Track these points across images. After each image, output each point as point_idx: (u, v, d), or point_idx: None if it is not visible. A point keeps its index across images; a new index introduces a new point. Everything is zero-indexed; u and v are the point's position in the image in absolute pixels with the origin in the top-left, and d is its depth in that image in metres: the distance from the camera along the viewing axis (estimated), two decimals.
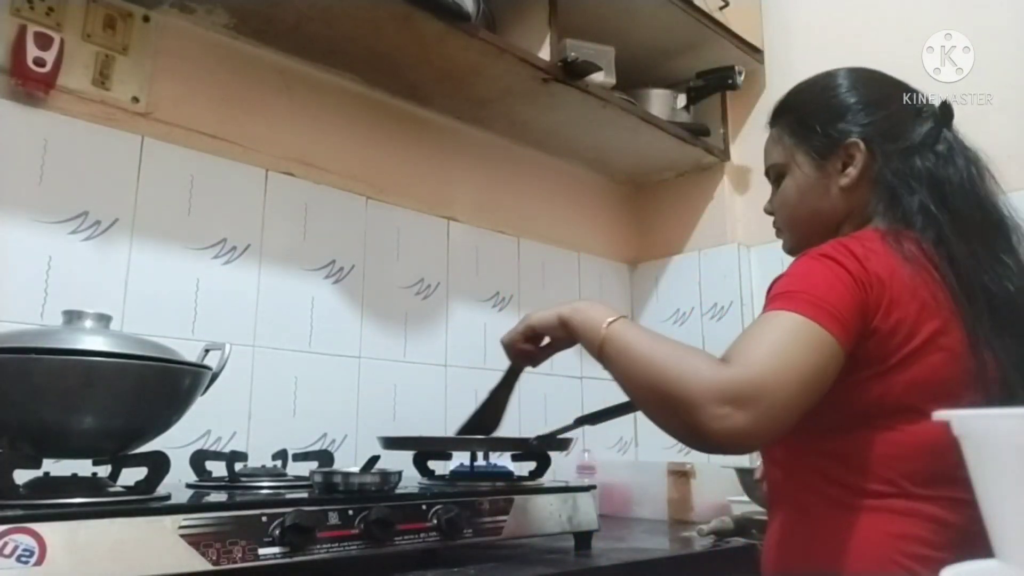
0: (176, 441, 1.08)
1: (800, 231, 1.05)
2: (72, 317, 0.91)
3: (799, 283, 0.81)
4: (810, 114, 1.02)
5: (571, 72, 1.60)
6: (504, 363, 1.05)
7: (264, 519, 0.81)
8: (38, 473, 0.83)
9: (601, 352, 0.93)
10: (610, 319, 0.93)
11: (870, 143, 0.96)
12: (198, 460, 1.13)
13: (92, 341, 0.85)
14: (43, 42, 1.19)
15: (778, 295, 0.82)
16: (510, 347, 1.05)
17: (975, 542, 0.79)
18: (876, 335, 0.82)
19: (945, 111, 0.98)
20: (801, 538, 0.89)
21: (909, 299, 0.83)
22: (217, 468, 1.13)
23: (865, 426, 0.84)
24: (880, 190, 0.94)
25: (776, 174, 1.06)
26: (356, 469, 0.97)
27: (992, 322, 0.85)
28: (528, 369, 1.14)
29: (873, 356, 0.82)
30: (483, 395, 1.20)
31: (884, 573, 0.79)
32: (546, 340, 1.04)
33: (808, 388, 0.76)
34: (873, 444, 0.83)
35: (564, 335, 0.99)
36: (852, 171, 0.96)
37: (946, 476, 0.79)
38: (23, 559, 0.65)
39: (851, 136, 0.96)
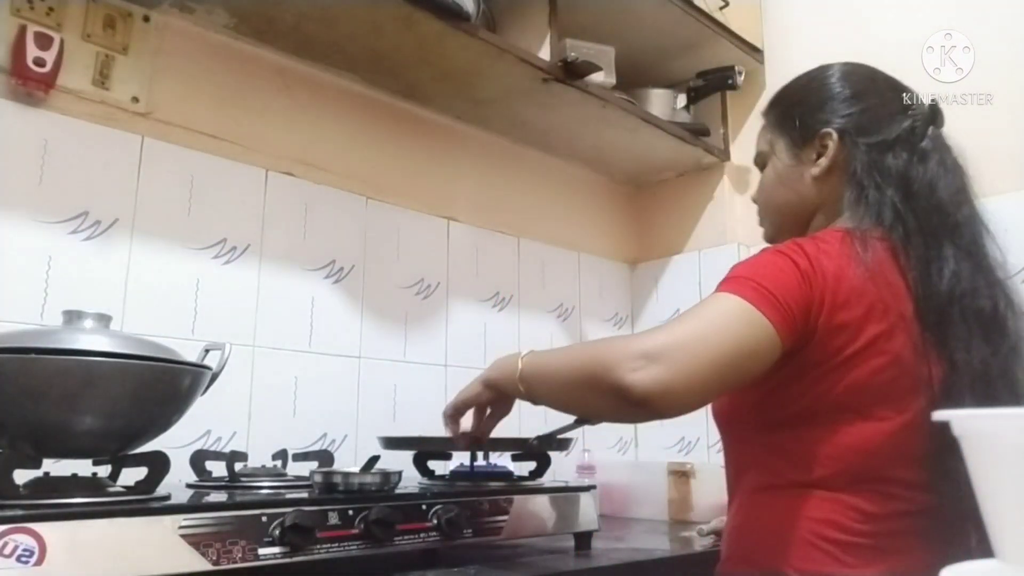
0: (176, 441, 1.08)
1: (775, 219, 1.07)
2: (72, 317, 0.91)
3: (748, 270, 0.84)
4: (793, 104, 1.05)
5: (571, 72, 1.60)
6: None
7: (264, 519, 0.81)
8: (38, 473, 0.83)
9: (525, 384, 0.94)
10: (522, 355, 0.95)
11: (844, 135, 0.97)
12: (198, 460, 1.13)
13: (92, 341, 0.85)
14: (43, 42, 1.19)
15: (727, 279, 0.85)
16: (458, 439, 1.08)
17: (904, 532, 0.82)
18: (819, 335, 0.83)
19: (934, 111, 0.99)
20: (744, 526, 0.94)
21: (856, 301, 0.84)
22: (217, 468, 1.13)
23: (806, 424, 0.87)
24: (851, 183, 0.95)
25: (761, 163, 1.09)
26: (356, 469, 0.97)
27: (954, 325, 0.85)
28: None
29: (817, 356, 0.84)
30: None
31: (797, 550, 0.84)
32: (487, 411, 1.07)
33: (727, 358, 0.78)
34: (812, 442, 0.87)
35: (494, 395, 1.02)
36: (823, 161, 0.98)
37: (874, 476, 0.84)
38: (23, 559, 0.65)
39: (826, 127, 0.98)
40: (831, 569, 0.83)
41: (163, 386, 0.90)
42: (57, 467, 0.88)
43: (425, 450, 1.27)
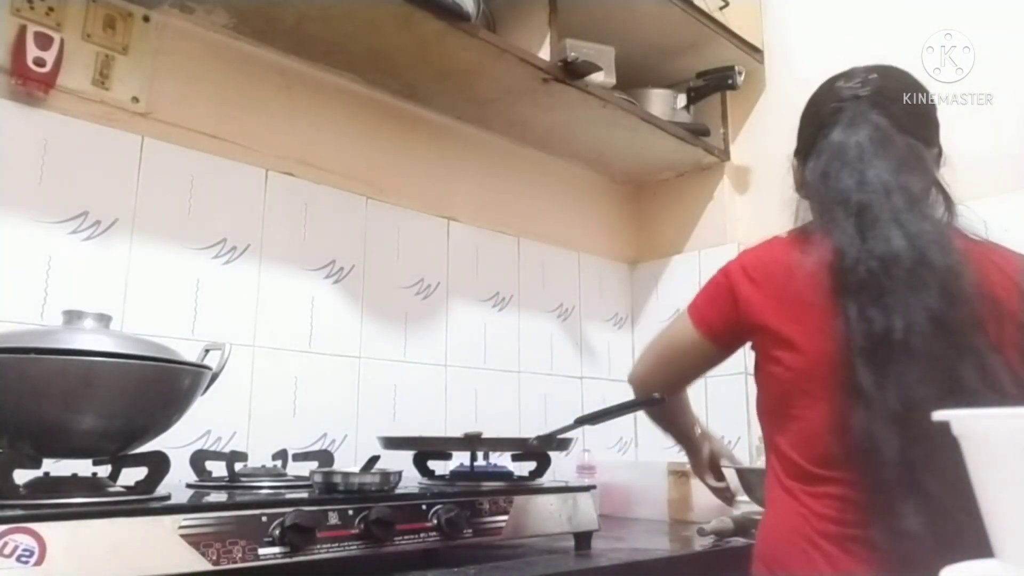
0: (176, 441, 1.08)
1: None
2: (72, 317, 0.91)
3: (699, 291, 1.08)
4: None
5: (571, 72, 1.60)
6: (503, 363, 1.05)
7: (264, 519, 0.81)
8: (38, 473, 0.83)
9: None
10: None
11: (799, 157, 1.07)
12: (198, 460, 1.13)
13: (92, 341, 0.85)
14: (43, 42, 1.19)
15: None
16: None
17: (881, 516, 0.84)
18: (750, 336, 0.99)
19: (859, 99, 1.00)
20: (761, 525, 1.01)
21: (777, 304, 0.94)
22: (217, 468, 1.13)
23: (781, 417, 0.96)
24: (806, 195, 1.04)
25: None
26: (356, 469, 0.97)
27: (847, 301, 0.88)
28: (528, 369, 1.22)
29: (760, 355, 0.98)
30: (483, 395, 1.21)
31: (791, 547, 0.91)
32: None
33: (662, 360, 1.14)
34: (785, 432, 0.95)
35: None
36: (794, 184, 1.07)
37: (843, 456, 0.88)
38: (23, 559, 0.65)
39: (794, 156, 1.08)
40: (820, 569, 0.87)
41: (163, 386, 0.90)
42: (57, 467, 0.88)
43: (425, 450, 1.27)
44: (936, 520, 0.77)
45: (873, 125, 0.95)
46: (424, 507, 0.96)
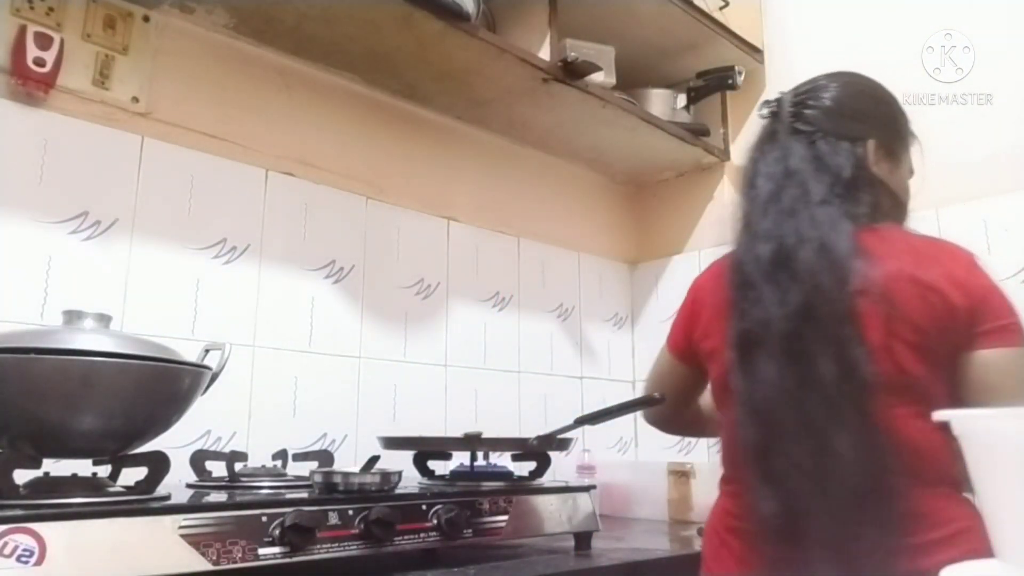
0: (176, 441, 1.08)
1: None
2: (72, 317, 0.91)
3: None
4: None
5: (571, 72, 1.60)
6: (503, 363, 1.06)
7: (264, 519, 0.81)
8: (38, 473, 0.83)
9: None
10: None
11: None
12: (198, 460, 1.13)
13: (92, 341, 0.85)
14: (43, 42, 1.19)
15: None
16: None
17: (749, 506, 0.89)
18: (697, 347, 1.04)
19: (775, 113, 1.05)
20: None
21: (712, 314, 1.00)
22: (217, 468, 1.13)
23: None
24: None
25: None
26: (356, 469, 0.97)
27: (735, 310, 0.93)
28: (528, 369, 1.23)
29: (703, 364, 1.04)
30: (483, 395, 1.22)
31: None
32: None
33: (650, 387, 1.16)
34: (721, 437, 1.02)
35: None
36: None
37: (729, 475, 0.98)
38: (23, 559, 0.65)
39: None
40: (727, 564, 0.94)
41: (163, 386, 0.90)
42: (57, 467, 0.88)
43: (425, 450, 1.28)
44: (789, 502, 0.82)
45: (770, 132, 1.02)
46: (424, 507, 0.96)
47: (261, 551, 0.80)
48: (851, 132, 0.97)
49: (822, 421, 0.81)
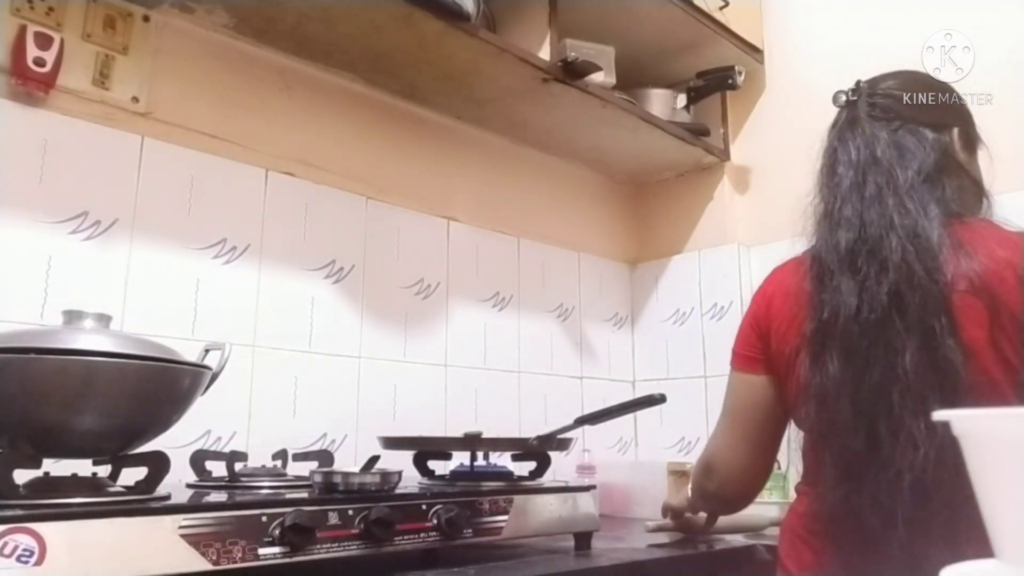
0: (176, 441, 1.08)
1: None
2: (72, 317, 0.91)
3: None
4: None
5: (571, 72, 1.60)
6: (503, 363, 1.06)
7: (264, 519, 0.81)
8: (38, 473, 0.83)
9: None
10: None
11: None
12: (198, 460, 1.13)
13: (92, 341, 0.85)
14: (43, 42, 1.19)
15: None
16: None
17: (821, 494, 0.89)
18: (777, 352, 0.98)
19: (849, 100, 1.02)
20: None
21: (789, 315, 0.96)
22: (217, 468, 1.13)
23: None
24: None
25: None
26: (356, 469, 0.97)
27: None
28: (528, 369, 1.20)
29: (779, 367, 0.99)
30: (483, 395, 1.21)
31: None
32: None
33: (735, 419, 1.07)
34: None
35: None
36: None
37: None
38: (23, 559, 0.65)
39: None
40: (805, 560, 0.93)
41: (163, 386, 0.90)
42: (57, 467, 0.88)
43: (425, 450, 1.28)
44: (869, 501, 0.81)
45: (849, 120, 0.99)
46: (424, 507, 0.96)
47: (261, 551, 0.80)
48: (935, 120, 0.97)
49: (908, 416, 0.78)
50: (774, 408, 1.00)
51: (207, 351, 1.04)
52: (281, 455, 1.22)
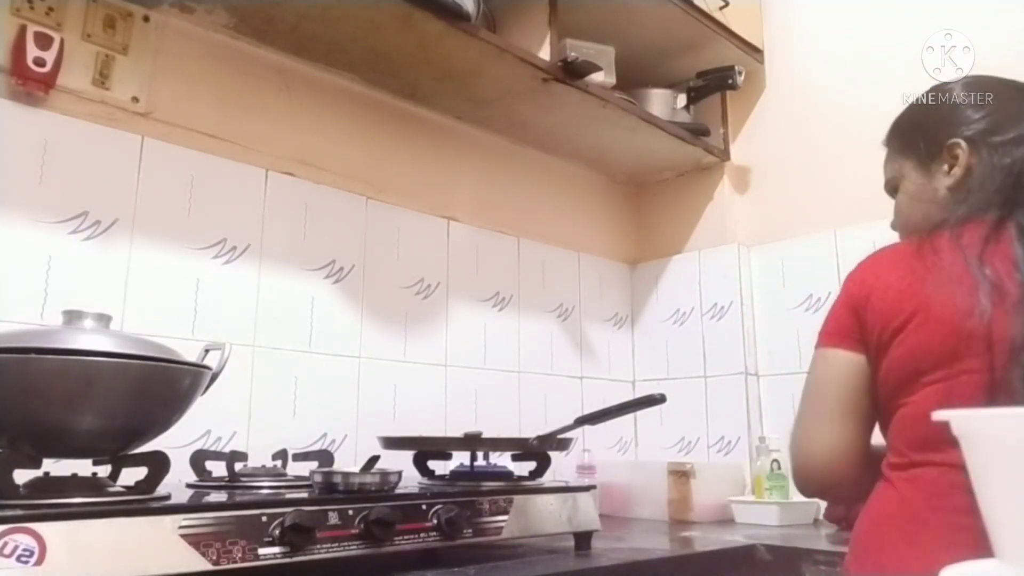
0: (176, 441, 1.08)
1: (914, 236, 1.05)
2: (72, 317, 0.91)
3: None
4: (915, 126, 1.07)
5: (571, 72, 1.60)
6: (503, 363, 1.05)
7: (264, 519, 0.81)
8: (38, 473, 0.83)
9: None
10: None
11: (973, 142, 0.99)
12: (198, 460, 1.13)
13: (92, 341, 0.85)
14: (43, 42, 1.19)
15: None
16: None
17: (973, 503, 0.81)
18: (878, 331, 0.92)
19: None
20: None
21: (895, 294, 0.91)
22: (217, 468, 1.13)
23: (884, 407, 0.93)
24: (972, 182, 0.97)
25: (891, 189, 1.10)
26: (356, 469, 0.97)
27: None
28: (528, 369, 1.17)
29: (872, 348, 0.93)
30: (483, 395, 1.20)
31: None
32: None
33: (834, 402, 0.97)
34: (889, 420, 0.92)
35: None
36: (957, 171, 0.99)
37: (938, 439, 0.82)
38: (23, 559, 0.65)
39: (953, 137, 1.00)
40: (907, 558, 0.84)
41: (163, 386, 0.90)
42: (57, 467, 0.88)
43: (425, 450, 1.28)
44: None
45: None
46: (424, 507, 0.96)
47: (261, 551, 0.80)
48: None
49: None
50: (866, 390, 0.94)
51: (207, 351, 1.04)
52: (281, 455, 1.22)
